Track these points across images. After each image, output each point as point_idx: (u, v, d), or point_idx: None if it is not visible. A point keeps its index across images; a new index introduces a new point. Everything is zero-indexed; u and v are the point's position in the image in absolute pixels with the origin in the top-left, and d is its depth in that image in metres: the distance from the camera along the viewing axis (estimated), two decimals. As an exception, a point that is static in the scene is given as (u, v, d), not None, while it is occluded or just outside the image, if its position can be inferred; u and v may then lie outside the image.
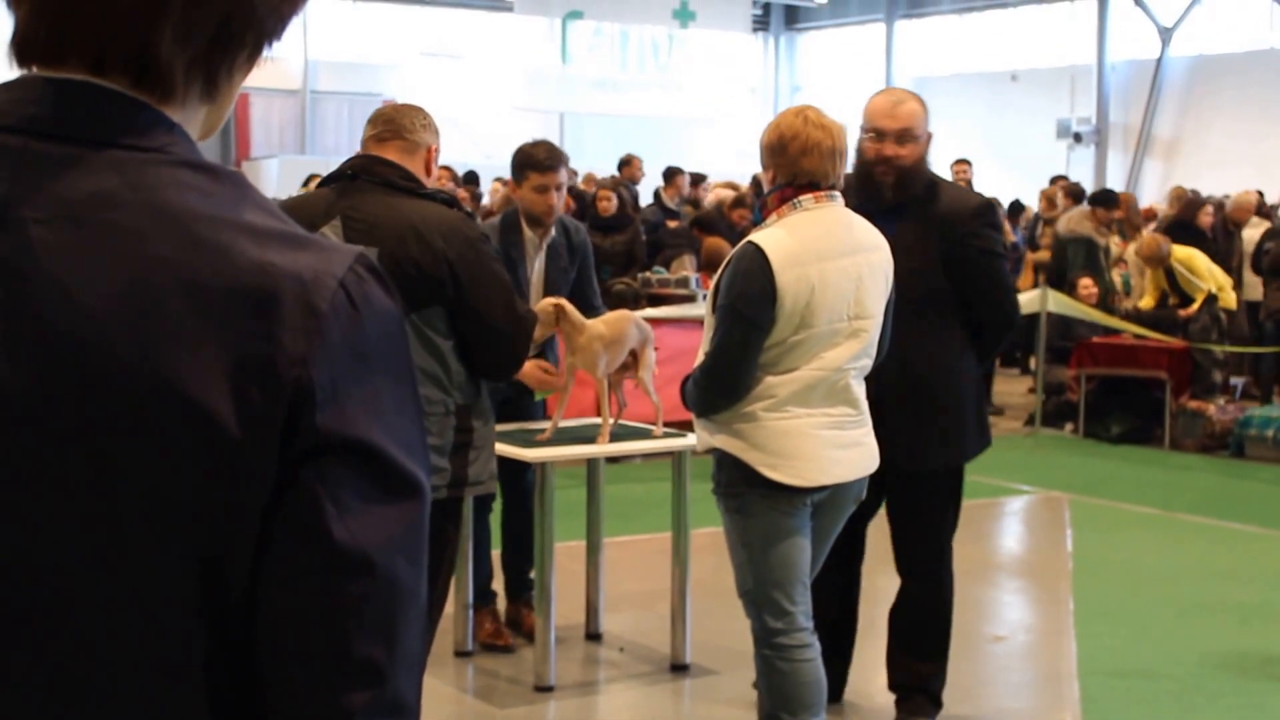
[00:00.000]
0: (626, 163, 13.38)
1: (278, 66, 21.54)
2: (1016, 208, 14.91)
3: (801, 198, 3.62)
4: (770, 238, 3.57)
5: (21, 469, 0.96)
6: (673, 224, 11.51)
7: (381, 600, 1.00)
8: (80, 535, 0.96)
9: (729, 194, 12.27)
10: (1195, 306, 10.08)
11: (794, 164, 3.61)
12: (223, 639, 1.00)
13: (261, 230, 1.01)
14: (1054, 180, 14.43)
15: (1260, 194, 14.82)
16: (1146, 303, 10.52)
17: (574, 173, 13.18)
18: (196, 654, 0.99)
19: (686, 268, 10.52)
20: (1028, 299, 10.42)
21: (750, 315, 3.54)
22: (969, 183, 12.02)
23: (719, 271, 3.68)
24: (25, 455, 0.96)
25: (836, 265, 3.58)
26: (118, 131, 1.01)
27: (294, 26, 1.10)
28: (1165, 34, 23.29)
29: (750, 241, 3.59)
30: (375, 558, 1.00)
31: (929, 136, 4.23)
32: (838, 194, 3.68)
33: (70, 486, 0.96)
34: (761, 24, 28.90)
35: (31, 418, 0.96)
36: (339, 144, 22.78)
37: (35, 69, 1.03)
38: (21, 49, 1.03)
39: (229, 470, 0.97)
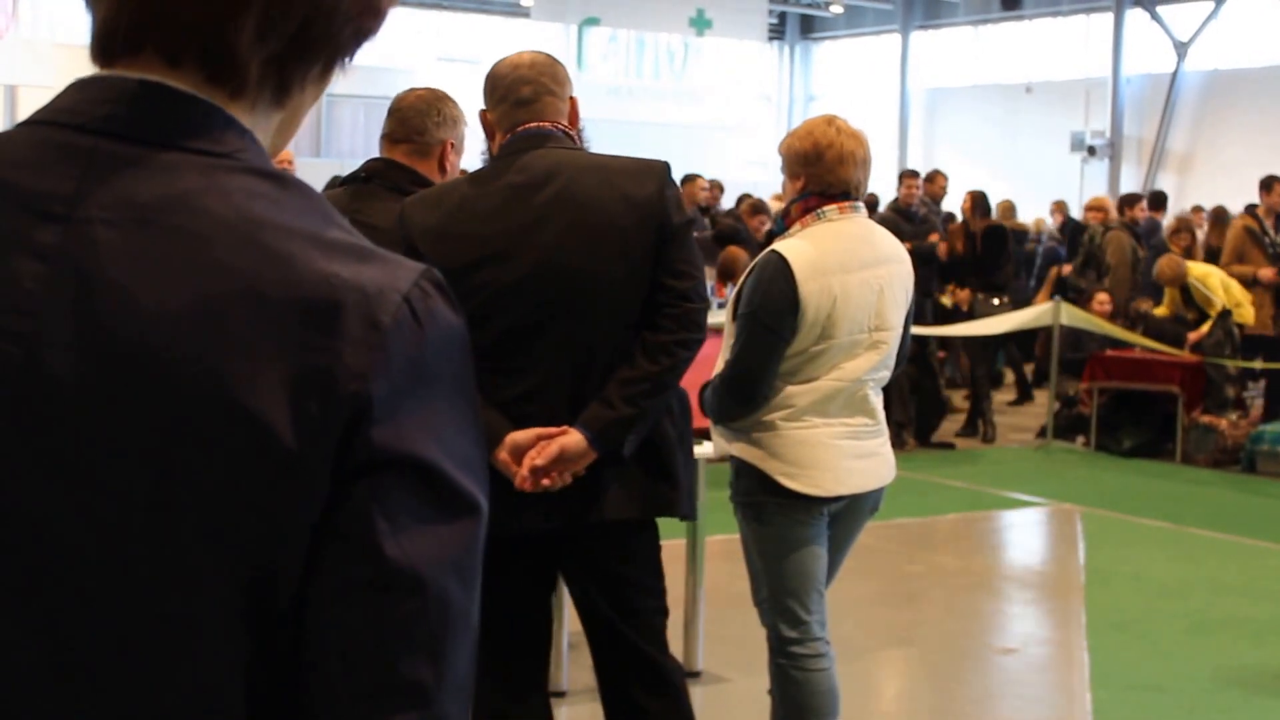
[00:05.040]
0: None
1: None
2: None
3: (825, 208, 3.63)
4: (794, 247, 3.58)
5: (77, 470, 0.96)
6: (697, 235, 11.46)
7: (431, 621, 0.98)
8: (131, 540, 0.96)
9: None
10: (1206, 327, 10.08)
11: (829, 173, 3.62)
12: (267, 653, 0.99)
13: (327, 241, 1.00)
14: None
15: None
16: (1161, 311, 10.54)
17: None
18: (240, 665, 0.98)
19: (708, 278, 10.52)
20: (1039, 312, 10.42)
21: (772, 325, 3.55)
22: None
23: (740, 280, 3.69)
24: (82, 457, 0.96)
25: (859, 277, 3.59)
26: (189, 135, 1.01)
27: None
28: (1181, 48, 23.29)
29: (774, 251, 3.60)
30: (427, 577, 0.98)
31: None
32: (861, 204, 3.69)
33: (124, 490, 0.95)
34: (777, 33, 28.93)
35: (90, 419, 0.95)
36: (354, 147, 22.83)
37: (112, 65, 1.03)
38: (102, 41, 1.03)
39: (283, 482, 0.95)
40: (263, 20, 1.01)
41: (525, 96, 3.17)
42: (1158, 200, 13.67)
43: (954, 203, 13.52)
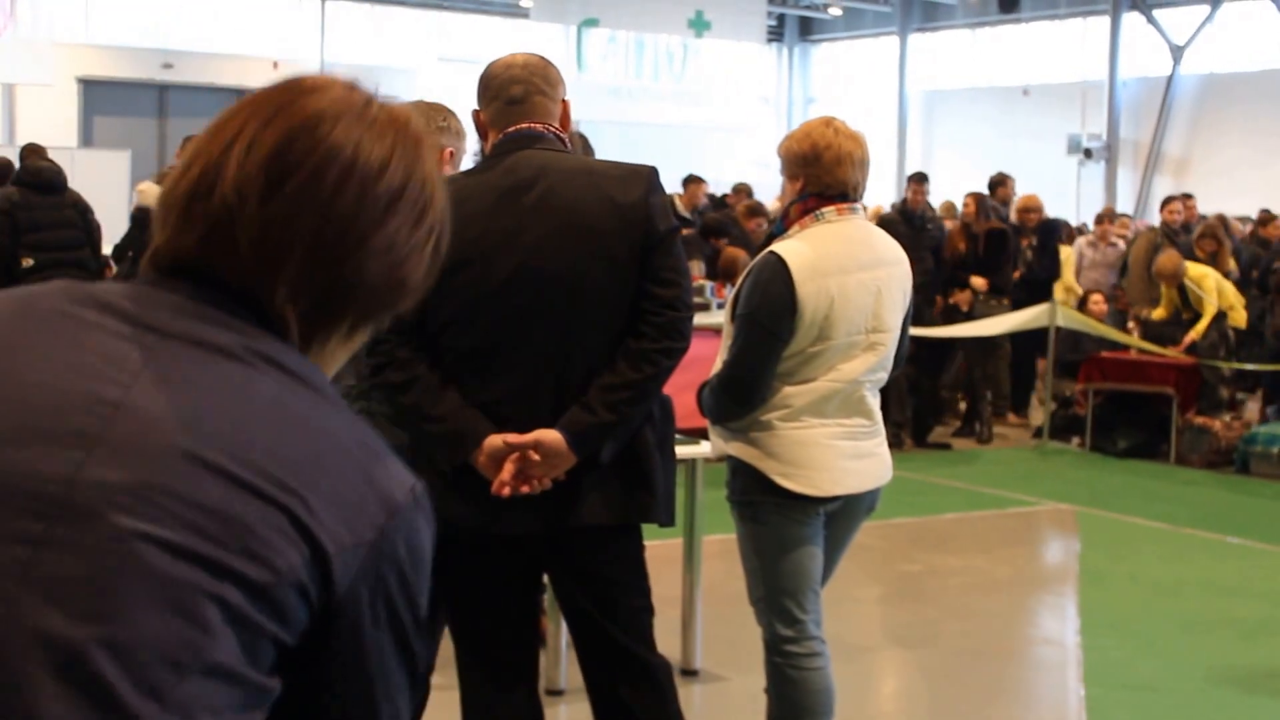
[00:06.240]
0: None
1: (294, 69, 21.83)
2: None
3: (824, 209, 3.66)
4: (792, 249, 3.61)
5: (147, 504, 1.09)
6: (687, 232, 11.49)
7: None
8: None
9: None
10: (1201, 327, 10.12)
11: (828, 174, 3.65)
12: None
13: (359, 435, 1.19)
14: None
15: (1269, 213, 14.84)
16: (1159, 313, 10.57)
17: None
18: None
19: (695, 273, 10.54)
20: (1036, 313, 10.45)
21: (770, 325, 3.58)
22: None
23: (739, 280, 3.72)
24: (161, 488, 1.09)
25: (857, 279, 3.62)
26: (244, 321, 1.19)
27: (310, 29, 1.24)
28: (1177, 52, 23.34)
29: (772, 252, 3.63)
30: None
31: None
32: (859, 206, 3.72)
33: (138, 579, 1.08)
34: (776, 35, 28.96)
35: (169, 476, 1.10)
36: (353, 147, 22.81)
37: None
38: (158, 258, 1.21)
39: (296, 612, 1.12)
40: (293, 285, 1.19)
41: (516, 95, 3.19)
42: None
43: (946, 202, 13.52)
